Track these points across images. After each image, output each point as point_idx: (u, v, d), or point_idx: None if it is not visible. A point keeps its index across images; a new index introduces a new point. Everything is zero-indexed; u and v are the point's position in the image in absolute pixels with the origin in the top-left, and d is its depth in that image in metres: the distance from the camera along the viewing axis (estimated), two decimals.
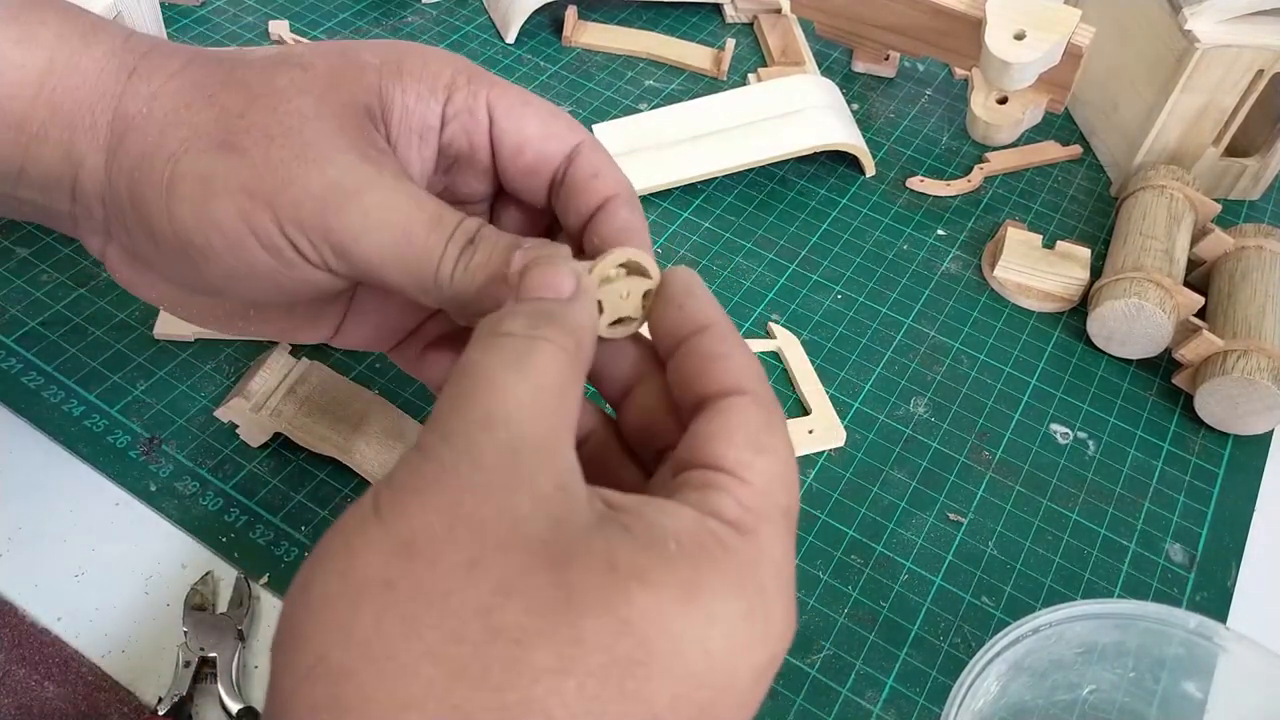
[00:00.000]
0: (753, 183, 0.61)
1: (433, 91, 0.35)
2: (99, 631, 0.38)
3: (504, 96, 0.35)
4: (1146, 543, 0.46)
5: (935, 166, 0.64)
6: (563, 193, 0.36)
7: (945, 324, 0.55)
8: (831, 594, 0.43)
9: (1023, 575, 0.44)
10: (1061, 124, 0.68)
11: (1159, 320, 0.51)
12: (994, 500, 0.47)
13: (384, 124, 0.34)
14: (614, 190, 0.35)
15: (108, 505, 0.42)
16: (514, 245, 0.32)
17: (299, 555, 0.41)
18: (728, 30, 0.72)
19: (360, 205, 0.31)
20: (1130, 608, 0.37)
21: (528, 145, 0.36)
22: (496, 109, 0.36)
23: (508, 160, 0.36)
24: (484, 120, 0.36)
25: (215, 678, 0.37)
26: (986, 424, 0.50)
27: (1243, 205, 0.64)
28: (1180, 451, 0.50)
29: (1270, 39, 0.55)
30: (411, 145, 0.35)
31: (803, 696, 0.40)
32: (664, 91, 0.66)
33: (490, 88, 0.35)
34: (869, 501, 0.46)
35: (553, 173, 0.36)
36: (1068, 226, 0.61)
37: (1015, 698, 0.36)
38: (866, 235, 0.59)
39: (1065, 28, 0.55)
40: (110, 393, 0.45)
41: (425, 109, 0.35)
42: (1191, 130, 0.60)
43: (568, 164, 0.36)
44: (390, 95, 0.34)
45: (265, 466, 0.44)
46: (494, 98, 0.35)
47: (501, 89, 0.36)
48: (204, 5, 0.67)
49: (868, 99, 0.68)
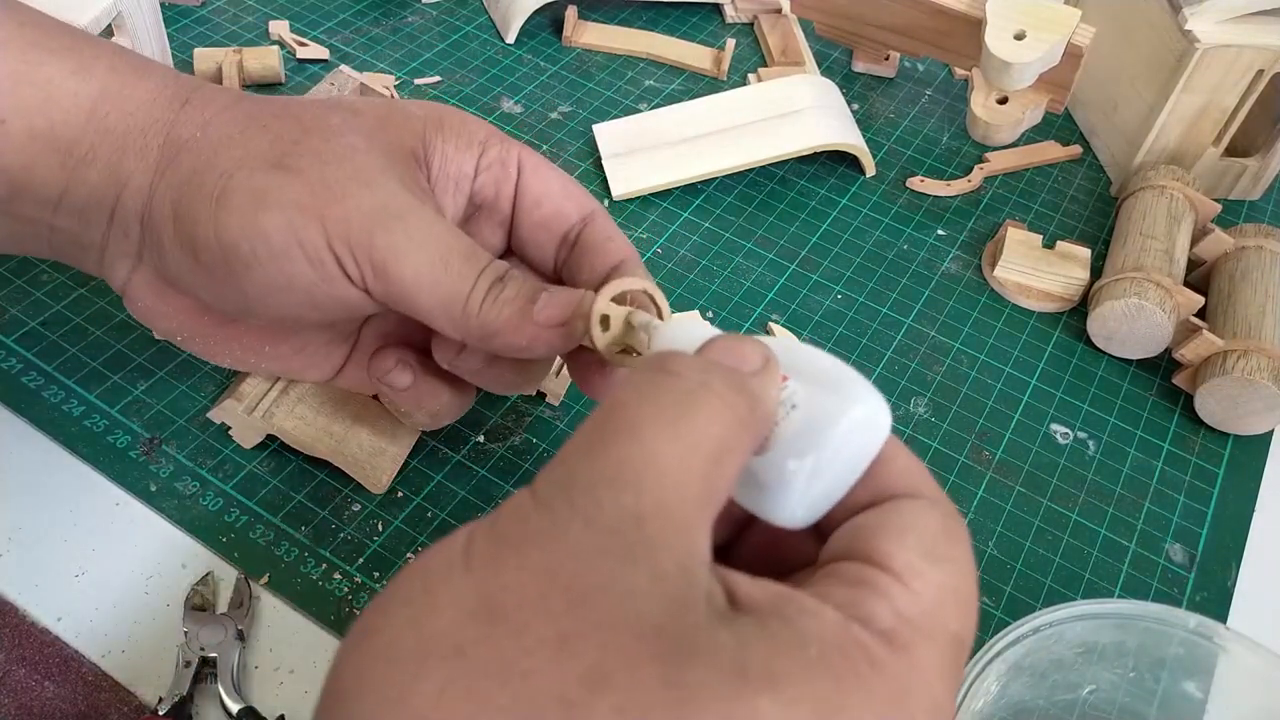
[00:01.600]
0: (753, 183, 0.61)
1: (469, 145, 0.38)
2: (99, 631, 0.38)
3: (532, 157, 0.39)
4: (1146, 543, 0.46)
5: (935, 166, 0.64)
6: (575, 252, 0.39)
7: (945, 324, 0.55)
8: None
9: (1023, 575, 0.44)
10: (1061, 124, 0.68)
11: (1159, 320, 0.51)
12: (994, 500, 0.47)
13: (426, 166, 0.37)
14: (627, 254, 0.38)
15: (108, 505, 0.42)
16: (540, 288, 0.34)
17: (299, 555, 0.41)
18: (728, 30, 0.72)
19: (404, 226, 0.33)
20: (1130, 608, 0.37)
21: (548, 200, 0.39)
22: (525, 165, 0.39)
23: (526, 213, 0.39)
24: (513, 172, 0.39)
25: (215, 678, 0.37)
26: (986, 424, 0.50)
27: (1243, 205, 0.64)
28: (1180, 451, 0.50)
29: (1270, 39, 0.55)
30: (448, 190, 0.38)
31: None
32: (664, 91, 0.66)
33: (521, 148, 0.39)
34: None
35: (565, 231, 0.39)
36: (1068, 226, 0.61)
37: (1015, 698, 0.36)
38: (866, 235, 0.59)
39: (1065, 28, 0.55)
40: (110, 393, 0.45)
41: (462, 158, 0.37)
42: (1191, 130, 0.60)
43: (582, 226, 0.39)
44: (433, 142, 0.37)
45: (265, 466, 0.44)
46: (524, 156, 0.39)
47: (530, 151, 0.39)
48: (204, 5, 0.67)
49: (868, 99, 0.68)
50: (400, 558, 0.41)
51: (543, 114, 0.64)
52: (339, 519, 0.42)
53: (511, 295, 0.33)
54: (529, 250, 0.40)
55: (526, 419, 0.47)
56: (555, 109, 0.64)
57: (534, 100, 0.64)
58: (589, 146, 0.62)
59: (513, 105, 0.64)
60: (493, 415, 0.47)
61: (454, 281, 0.33)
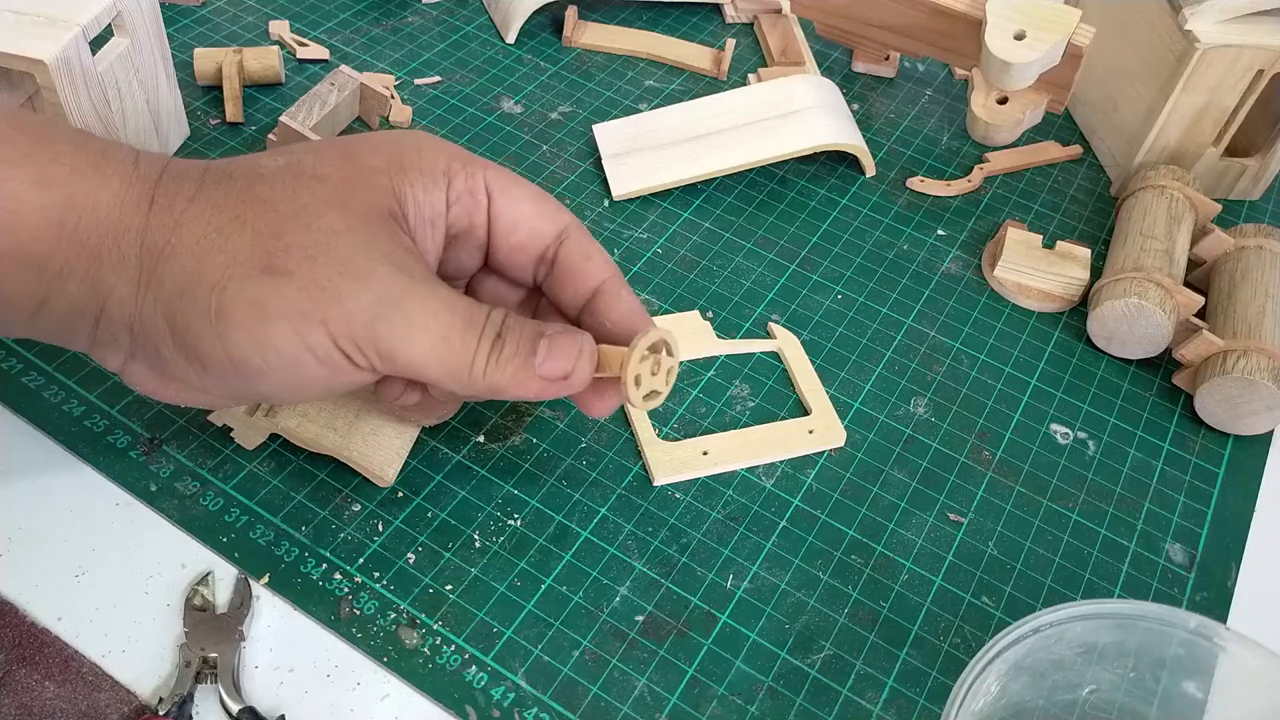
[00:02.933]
0: (753, 183, 0.61)
1: (435, 181, 0.37)
2: (99, 631, 0.38)
3: (499, 178, 0.39)
4: (1146, 543, 0.46)
5: (935, 166, 0.64)
6: (555, 273, 0.39)
7: (945, 324, 0.55)
8: (832, 594, 0.43)
9: (1023, 575, 0.44)
10: (1061, 124, 0.68)
11: (1159, 320, 0.51)
12: (994, 500, 0.47)
13: (404, 219, 0.37)
14: (607, 272, 0.39)
15: (108, 505, 0.42)
16: (538, 334, 0.36)
17: (299, 555, 0.41)
18: (728, 30, 0.72)
19: (403, 315, 0.34)
20: (1130, 608, 0.37)
21: (521, 223, 0.39)
22: (493, 189, 0.39)
23: (502, 237, 0.39)
24: (483, 199, 0.39)
25: (215, 678, 0.37)
26: (986, 424, 0.50)
27: (1243, 205, 0.64)
28: (1180, 451, 0.50)
29: (1270, 39, 0.56)
30: (427, 234, 0.38)
31: (803, 696, 0.40)
32: (664, 91, 0.66)
33: (485, 169, 0.39)
34: (869, 501, 0.46)
35: (542, 251, 0.39)
36: (1068, 226, 0.61)
37: (1015, 698, 0.36)
38: (866, 235, 0.59)
39: (1065, 28, 0.55)
40: (110, 393, 0.45)
41: (432, 199, 0.37)
42: (1191, 130, 0.60)
43: (558, 244, 0.39)
44: (403, 193, 0.36)
45: (265, 466, 0.44)
46: (490, 179, 0.39)
47: (496, 171, 0.39)
48: (204, 5, 0.67)
49: (868, 99, 0.68)
50: (400, 558, 0.41)
51: (543, 114, 0.64)
52: (339, 519, 0.42)
53: (512, 353, 0.35)
54: (508, 270, 0.40)
55: (526, 419, 0.47)
56: (555, 109, 0.64)
57: (534, 100, 0.64)
58: (589, 146, 0.62)
59: (513, 105, 0.64)
60: (493, 415, 0.47)
61: (457, 355, 0.34)
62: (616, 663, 0.40)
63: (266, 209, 0.34)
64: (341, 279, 0.33)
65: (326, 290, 0.33)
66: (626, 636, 0.40)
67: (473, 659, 0.39)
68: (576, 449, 0.46)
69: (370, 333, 0.33)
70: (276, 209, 0.34)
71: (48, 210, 0.33)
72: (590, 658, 0.40)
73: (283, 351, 0.33)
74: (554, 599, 0.41)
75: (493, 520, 0.43)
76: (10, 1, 0.45)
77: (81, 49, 0.46)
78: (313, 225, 0.34)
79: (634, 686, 0.39)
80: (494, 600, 0.41)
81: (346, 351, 0.34)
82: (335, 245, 0.33)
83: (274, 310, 0.33)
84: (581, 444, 0.46)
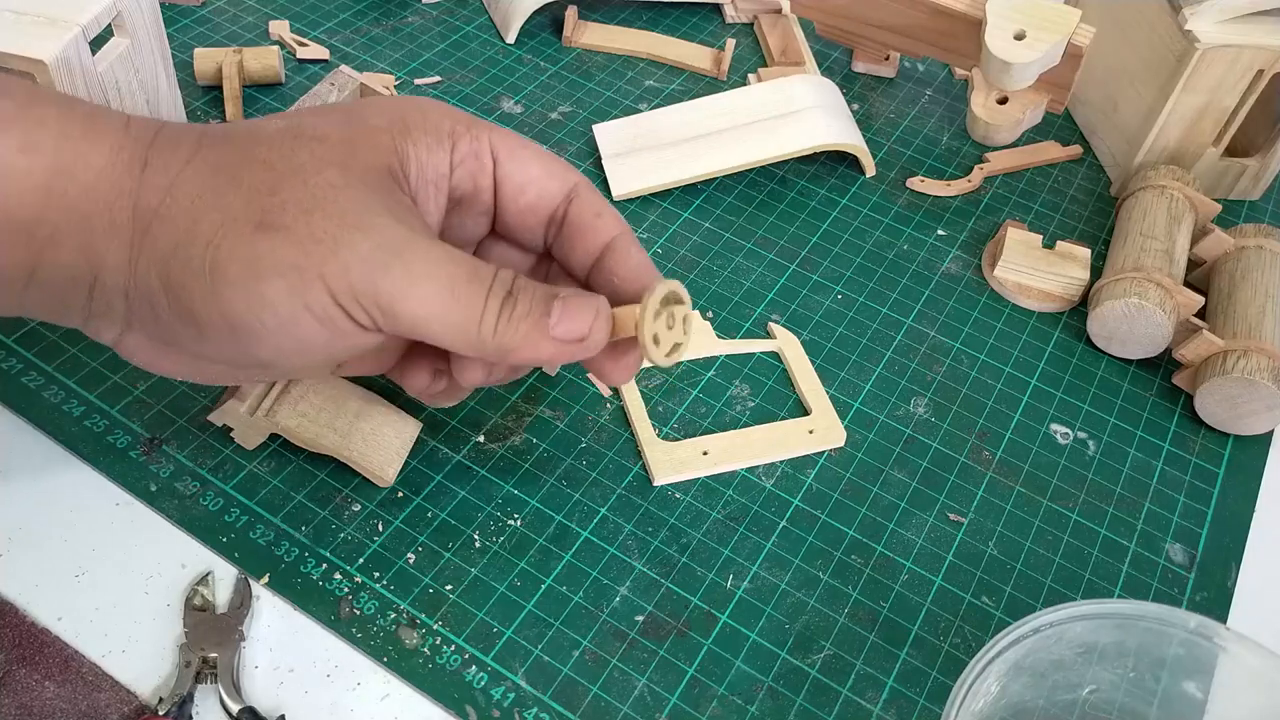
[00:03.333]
0: (753, 183, 0.61)
1: (439, 142, 0.36)
2: (99, 631, 0.38)
3: (505, 140, 0.37)
4: (1146, 543, 0.46)
5: (935, 166, 0.64)
6: (565, 232, 0.38)
7: (945, 324, 0.55)
8: (832, 594, 0.43)
9: (1023, 575, 0.44)
10: (1061, 124, 0.68)
11: (1159, 320, 0.51)
12: (994, 500, 0.47)
13: (404, 178, 0.35)
14: (618, 229, 0.38)
15: (108, 505, 0.42)
16: (552, 295, 0.34)
17: (299, 555, 0.41)
18: (728, 30, 0.72)
19: (404, 264, 0.32)
20: (1130, 608, 0.37)
21: (530, 184, 0.38)
22: (499, 152, 0.37)
23: (510, 199, 0.38)
24: (488, 163, 0.37)
25: (215, 678, 0.37)
26: (986, 424, 0.50)
27: (1243, 205, 0.64)
28: (1180, 451, 0.50)
29: (1270, 39, 0.56)
30: (429, 196, 0.36)
31: (803, 696, 0.40)
32: (664, 91, 0.66)
33: (490, 132, 0.37)
34: (869, 501, 0.46)
35: (551, 211, 0.38)
36: (1068, 226, 0.61)
37: (1015, 698, 0.36)
38: (866, 235, 0.59)
39: (1065, 28, 0.55)
40: (110, 393, 0.45)
41: (436, 159, 0.36)
42: (1191, 130, 0.60)
43: (567, 204, 0.38)
44: (405, 152, 0.35)
45: (265, 467, 0.44)
46: (495, 141, 0.37)
47: (501, 134, 0.38)
48: (204, 5, 0.67)
49: (868, 99, 0.68)
50: (400, 558, 0.41)
51: (543, 114, 0.64)
52: (339, 519, 0.42)
53: (524, 311, 0.33)
54: (517, 234, 0.39)
55: (526, 419, 0.47)
56: (555, 109, 0.64)
57: (534, 100, 0.64)
58: (589, 146, 0.62)
59: (513, 105, 0.64)
60: (493, 415, 0.47)
61: (464, 308, 0.33)
62: (616, 663, 0.40)
63: (264, 169, 0.33)
64: (339, 230, 0.32)
65: (323, 243, 0.31)
66: (626, 636, 0.40)
67: (473, 659, 0.39)
68: (576, 449, 0.46)
69: (370, 285, 0.32)
70: (274, 168, 0.33)
71: (35, 175, 0.32)
72: (590, 658, 0.40)
73: (279, 310, 0.32)
74: (554, 599, 0.41)
75: (493, 520, 0.43)
76: (10, 1, 0.45)
77: (81, 49, 0.46)
78: (310, 181, 0.32)
79: (634, 686, 0.39)
80: (494, 600, 0.41)
81: (345, 307, 0.32)
82: (333, 199, 0.32)
83: (268, 266, 0.31)
84: (581, 444, 0.46)
